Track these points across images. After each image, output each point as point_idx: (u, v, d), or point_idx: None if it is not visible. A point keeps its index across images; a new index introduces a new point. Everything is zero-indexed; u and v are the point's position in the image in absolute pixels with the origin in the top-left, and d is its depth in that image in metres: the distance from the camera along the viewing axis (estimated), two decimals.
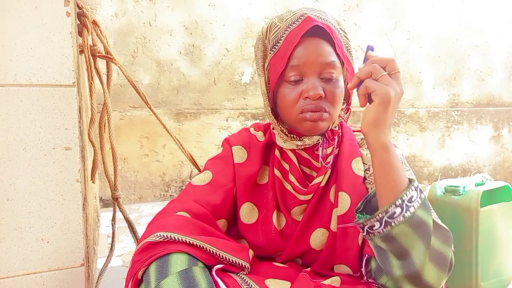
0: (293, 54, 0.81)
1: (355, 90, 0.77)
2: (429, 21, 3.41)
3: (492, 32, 3.62)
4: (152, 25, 2.70)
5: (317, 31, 0.81)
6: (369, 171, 0.88)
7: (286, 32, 0.82)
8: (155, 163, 2.73)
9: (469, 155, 3.63)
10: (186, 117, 2.79)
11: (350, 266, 0.84)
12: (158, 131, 2.67)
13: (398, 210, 0.68)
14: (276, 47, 0.83)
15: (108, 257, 1.26)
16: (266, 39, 0.87)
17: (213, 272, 0.74)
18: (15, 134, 0.89)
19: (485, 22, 3.58)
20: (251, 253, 0.84)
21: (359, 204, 0.78)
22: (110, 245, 1.29)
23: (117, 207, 1.27)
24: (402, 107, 3.41)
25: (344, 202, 0.85)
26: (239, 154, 0.94)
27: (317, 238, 0.87)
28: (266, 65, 0.87)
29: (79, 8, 1.09)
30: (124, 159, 2.66)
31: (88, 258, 1.00)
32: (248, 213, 0.90)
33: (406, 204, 0.69)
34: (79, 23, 1.10)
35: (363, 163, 0.90)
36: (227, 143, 0.96)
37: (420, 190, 0.72)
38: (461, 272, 1.39)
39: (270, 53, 0.85)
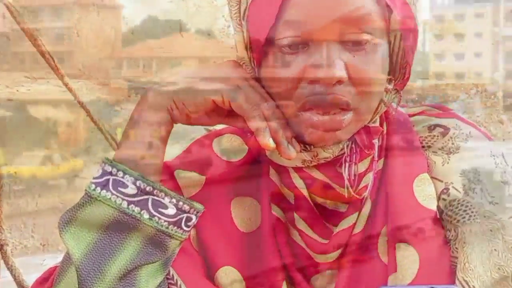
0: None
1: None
2: None
3: None
4: None
5: None
6: (448, 195, 0.49)
7: None
8: None
9: None
10: None
11: None
12: None
13: None
14: None
15: None
16: None
17: None
18: None
19: None
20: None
21: None
22: None
23: None
24: None
25: (407, 261, 0.48)
26: (188, 182, 0.52)
27: None
28: (244, 14, 0.48)
29: None
30: None
31: None
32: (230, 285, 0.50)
33: None
34: None
35: (435, 179, 0.51)
36: (167, 169, 0.52)
37: None
38: None
39: None
